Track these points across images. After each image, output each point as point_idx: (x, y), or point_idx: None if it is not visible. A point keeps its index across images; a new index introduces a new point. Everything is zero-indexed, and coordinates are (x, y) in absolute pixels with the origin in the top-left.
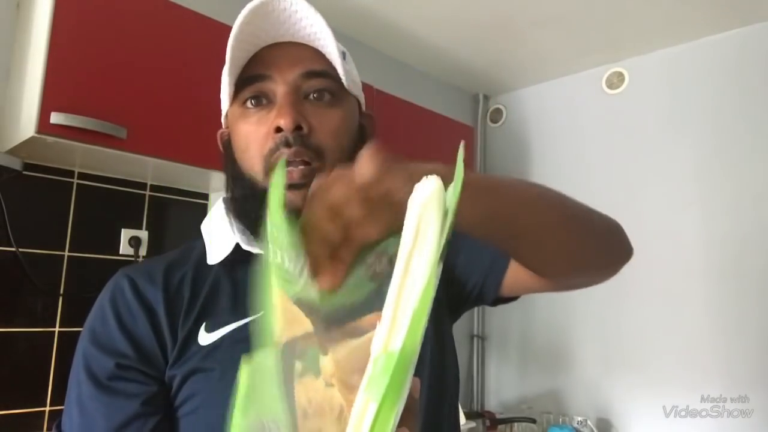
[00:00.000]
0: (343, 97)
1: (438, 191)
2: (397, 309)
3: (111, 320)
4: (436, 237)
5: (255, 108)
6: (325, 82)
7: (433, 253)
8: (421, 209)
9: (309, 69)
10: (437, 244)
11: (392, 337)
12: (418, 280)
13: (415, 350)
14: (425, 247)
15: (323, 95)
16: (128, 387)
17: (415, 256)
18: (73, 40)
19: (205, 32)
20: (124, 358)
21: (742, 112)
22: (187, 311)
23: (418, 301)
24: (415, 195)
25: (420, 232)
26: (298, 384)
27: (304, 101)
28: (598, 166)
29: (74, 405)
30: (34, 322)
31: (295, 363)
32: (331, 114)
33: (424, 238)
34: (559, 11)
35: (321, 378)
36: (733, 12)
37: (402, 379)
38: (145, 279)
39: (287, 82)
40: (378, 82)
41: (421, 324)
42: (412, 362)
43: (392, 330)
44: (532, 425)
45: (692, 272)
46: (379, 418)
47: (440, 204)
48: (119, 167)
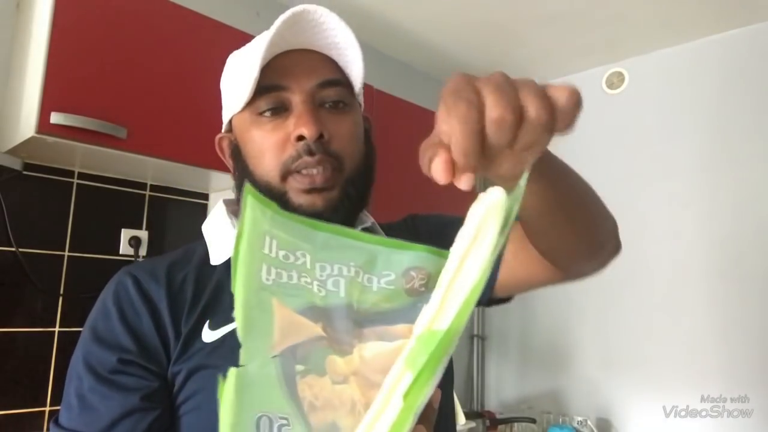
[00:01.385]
0: (353, 104)
1: (501, 203)
2: (446, 295)
3: (114, 316)
4: (492, 245)
5: (269, 116)
6: (339, 90)
7: (486, 259)
8: (483, 216)
9: (325, 78)
10: (491, 251)
11: (439, 317)
12: (470, 275)
13: (458, 332)
14: (481, 250)
15: (338, 103)
16: (129, 381)
17: (470, 256)
18: (73, 40)
19: (205, 32)
20: (126, 353)
21: (742, 112)
22: (190, 309)
23: (470, 291)
24: (480, 201)
25: (478, 237)
26: (301, 383)
27: (320, 109)
28: (598, 166)
29: (74, 398)
30: (34, 322)
31: (296, 366)
32: (346, 121)
33: (481, 243)
34: (558, 11)
35: (327, 376)
36: (733, 12)
37: (441, 356)
38: (148, 276)
39: (304, 91)
40: (378, 82)
41: (469, 311)
42: (453, 344)
43: (439, 312)
44: (532, 425)
45: (692, 272)
46: (414, 388)
47: (501, 216)
48: (119, 167)
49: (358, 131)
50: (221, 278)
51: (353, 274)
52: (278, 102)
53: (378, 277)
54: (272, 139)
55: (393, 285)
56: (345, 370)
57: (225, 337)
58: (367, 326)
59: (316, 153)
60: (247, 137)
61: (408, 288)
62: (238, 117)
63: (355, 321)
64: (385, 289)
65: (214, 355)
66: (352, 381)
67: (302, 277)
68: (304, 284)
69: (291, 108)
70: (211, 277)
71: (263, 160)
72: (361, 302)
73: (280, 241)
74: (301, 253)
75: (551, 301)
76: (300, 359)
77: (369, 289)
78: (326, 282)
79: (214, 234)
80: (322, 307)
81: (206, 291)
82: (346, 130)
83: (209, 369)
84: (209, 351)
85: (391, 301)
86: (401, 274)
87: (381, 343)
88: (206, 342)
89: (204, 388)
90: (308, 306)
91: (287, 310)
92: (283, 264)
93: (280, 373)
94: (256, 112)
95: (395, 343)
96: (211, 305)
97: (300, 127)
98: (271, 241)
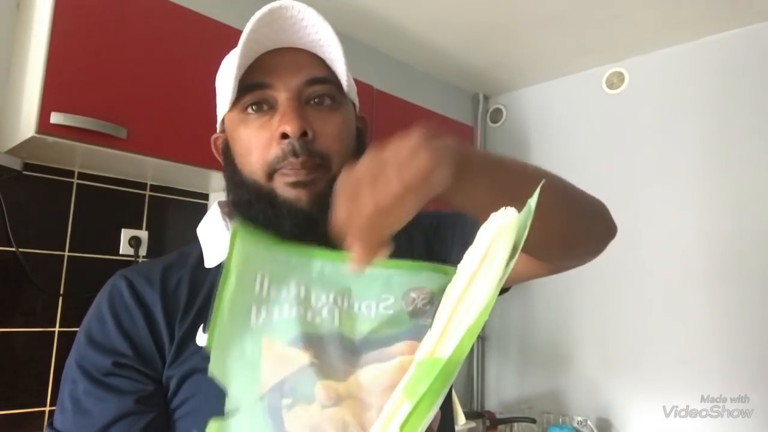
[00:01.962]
0: (342, 102)
1: (513, 225)
2: (450, 320)
3: (109, 321)
4: (502, 267)
5: (256, 114)
6: (326, 87)
7: (496, 280)
8: (493, 237)
9: (312, 76)
10: (501, 273)
11: (441, 345)
12: (477, 300)
13: (460, 362)
14: (490, 273)
15: (324, 100)
16: (123, 384)
17: (479, 277)
18: (73, 40)
19: (205, 32)
20: (121, 356)
21: (742, 112)
22: (185, 312)
23: (475, 319)
24: (490, 221)
25: (487, 258)
26: (288, 416)
27: (306, 106)
28: (598, 166)
29: (68, 401)
30: (34, 322)
31: (282, 401)
32: (333, 118)
33: (491, 264)
34: (558, 11)
35: (316, 402)
36: (733, 12)
37: (442, 386)
38: (143, 280)
39: (290, 89)
40: (378, 82)
41: (473, 340)
42: (455, 374)
43: (442, 339)
44: (532, 425)
45: (692, 272)
46: (412, 418)
47: (512, 237)
48: (119, 167)
49: (348, 129)
50: (216, 281)
51: (347, 306)
52: (263, 100)
53: (376, 302)
54: (258, 138)
55: (392, 309)
56: (338, 393)
57: None
58: (363, 353)
59: (300, 154)
60: (235, 135)
61: (411, 310)
62: (228, 116)
63: (351, 350)
64: (384, 315)
65: (208, 359)
66: (344, 404)
67: (293, 307)
68: (296, 315)
69: (277, 106)
70: (206, 280)
71: (250, 159)
72: (356, 333)
73: (273, 275)
74: (295, 284)
75: (551, 301)
76: (287, 392)
77: (366, 318)
78: (321, 310)
79: (208, 237)
80: (316, 335)
81: (201, 294)
82: (333, 128)
83: (203, 372)
84: (204, 354)
85: (392, 326)
86: (401, 297)
87: (378, 365)
88: (201, 345)
89: (198, 392)
90: (300, 334)
91: (277, 345)
92: (275, 301)
93: (266, 413)
94: (244, 111)
95: (391, 362)
96: (205, 308)
97: (283, 125)
98: (262, 279)
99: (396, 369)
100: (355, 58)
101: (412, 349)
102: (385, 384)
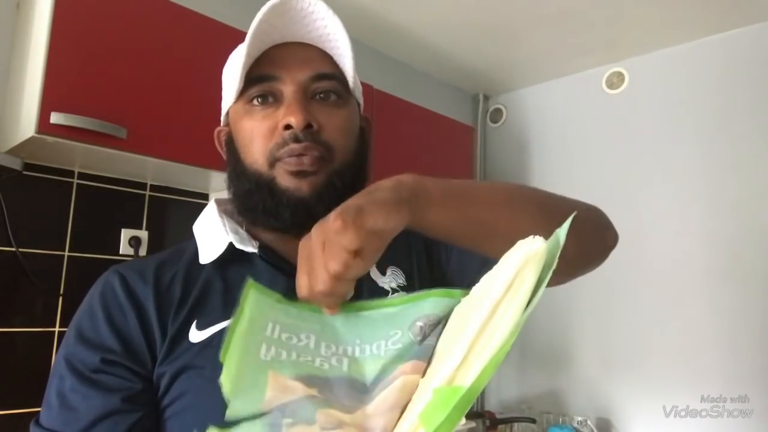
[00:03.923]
0: (348, 99)
1: (542, 254)
2: (472, 348)
3: (99, 316)
4: (527, 295)
5: (261, 106)
6: (332, 83)
7: (520, 310)
8: (521, 265)
9: (318, 71)
10: (526, 303)
11: (461, 373)
12: (501, 328)
13: (478, 391)
14: (516, 301)
15: (329, 95)
16: (111, 381)
17: (504, 305)
18: (72, 40)
19: (205, 32)
20: (110, 353)
21: (743, 112)
22: (178, 309)
23: (498, 348)
24: (517, 249)
25: (514, 286)
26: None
27: (312, 101)
28: (599, 166)
29: (54, 397)
30: (34, 322)
31: (283, 420)
32: (338, 113)
33: (517, 292)
34: (558, 11)
35: (316, 425)
36: (733, 12)
37: (459, 415)
38: (136, 276)
39: (296, 82)
40: (378, 83)
41: (494, 369)
42: (472, 402)
43: (463, 367)
44: (532, 425)
45: (693, 272)
46: None
47: (539, 266)
48: (119, 167)
49: (351, 126)
50: (209, 277)
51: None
52: (269, 91)
53: (385, 341)
54: (261, 128)
55: (401, 343)
56: (339, 420)
57: (212, 337)
58: (373, 391)
59: (302, 140)
60: (239, 126)
61: (420, 339)
62: (233, 108)
63: (362, 390)
64: (393, 350)
65: (201, 356)
66: (346, 428)
67: (302, 356)
68: (304, 361)
69: (282, 99)
70: (200, 276)
71: (252, 148)
72: (367, 374)
73: (284, 325)
74: (305, 335)
75: (551, 302)
76: (289, 414)
77: (376, 357)
78: (330, 359)
79: (204, 233)
80: (323, 377)
81: (194, 290)
82: (337, 123)
83: (196, 369)
84: (196, 351)
85: (402, 357)
86: (408, 329)
87: (383, 392)
88: (193, 342)
89: (191, 389)
90: (306, 374)
91: (282, 377)
92: (284, 344)
93: (266, 428)
94: (249, 102)
95: (395, 383)
96: (198, 305)
97: (288, 116)
98: (274, 326)
99: (398, 389)
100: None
101: (414, 368)
102: (387, 404)
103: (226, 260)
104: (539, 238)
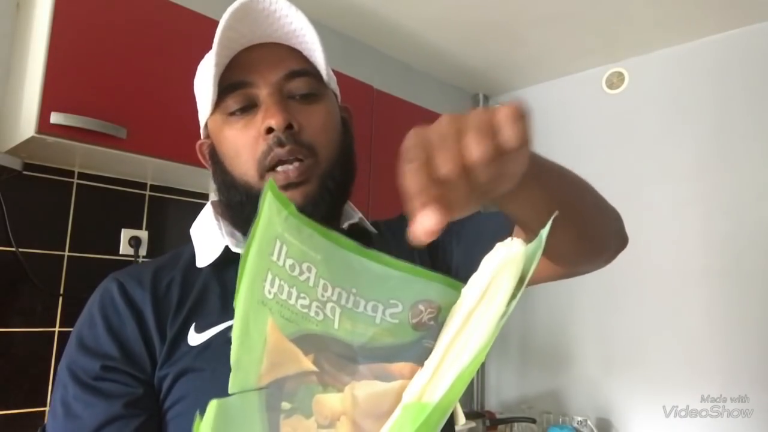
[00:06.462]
0: (324, 93)
1: (520, 258)
2: (442, 362)
3: (99, 323)
4: (504, 303)
5: (240, 115)
6: (306, 80)
7: (495, 320)
8: (496, 270)
9: (290, 70)
10: (503, 312)
11: (430, 388)
12: (473, 340)
13: (449, 407)
14: (490, 311)
15: (307, 94)
16: (112, 387)
17: (477, 315)
18: (72, 41)
19: (205, 32)
20: (110, 359)
21: (743, 111)
22: (176, 312)
23: (469, 361)
24: (494, 253)
25: (488, 293)
26: (285, 424)
27: (289, 101)
28: (598, 166)
29: (59, 406)
30: (34, 322)
31: (282, 404)
32: (316, 110)
33: (492, 300)
34: (558, 11)
35: (313, 418)
36: (733, 12)
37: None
38: (134, 282)
39: (270, 84)
40: (378, 82)
41: (465, 384)
42: (441, 422)
43: (432, 381)
44: (532, 425)
45: (692, 272)
46: None
47: (518, 271)
48: (119, 167)
49: (332, 120)
50: (207, 280)
51: (352, 304)
52: (246, 99)
53: (383, 307)
54: (245, 137)
55: (398, 318)
56: (334, 410)
57: (211, 339)
58: (362, 362)
59: (286, 144)
60: (221, 138)
61: (415, 323)
62: (211, 119)
63: (350, 356)
64: (389, 323)
65: (200, 358)
66: (339, 425)
67: (300, 298)
68: (301, 308)
69: (259, 103)
70: (197, 279)
71: (239, 160)
72: (358, 336)
73: (290, 248)
74: (307, 267)
75: (552, 301)
76: (287, 395)
77: (370, 320)
78: (325, 305)
79: (201, 236)
80: (318, 335)
81: (192, 294)
82: (317, 120)
83: (195, 372)
84: (195, 354)
85: (394, 335)
86: (409, 308)
87: (376, 382)
88: (192, 345)
89: (191, 391)
90: (303, 334)
91: (280, 335)
92: (287, 276)
93: (263, 410)
94: (227, 112)
95: (391, 384)
96: (196, 308)
97: (268, 119)
98: (281, 247)
99: (396, 393)
100: (355, 58)
101: (413, 372)
102: (383, 409)
103: (223, 263)
104: (518, 241)
